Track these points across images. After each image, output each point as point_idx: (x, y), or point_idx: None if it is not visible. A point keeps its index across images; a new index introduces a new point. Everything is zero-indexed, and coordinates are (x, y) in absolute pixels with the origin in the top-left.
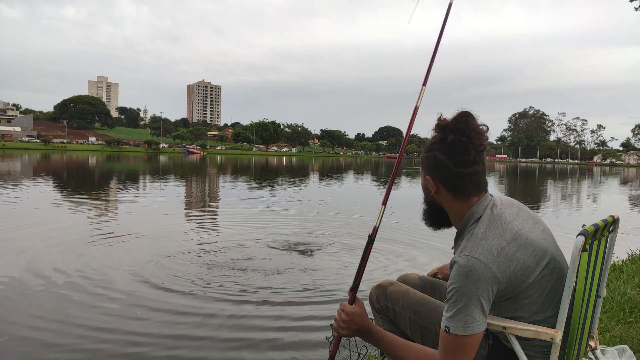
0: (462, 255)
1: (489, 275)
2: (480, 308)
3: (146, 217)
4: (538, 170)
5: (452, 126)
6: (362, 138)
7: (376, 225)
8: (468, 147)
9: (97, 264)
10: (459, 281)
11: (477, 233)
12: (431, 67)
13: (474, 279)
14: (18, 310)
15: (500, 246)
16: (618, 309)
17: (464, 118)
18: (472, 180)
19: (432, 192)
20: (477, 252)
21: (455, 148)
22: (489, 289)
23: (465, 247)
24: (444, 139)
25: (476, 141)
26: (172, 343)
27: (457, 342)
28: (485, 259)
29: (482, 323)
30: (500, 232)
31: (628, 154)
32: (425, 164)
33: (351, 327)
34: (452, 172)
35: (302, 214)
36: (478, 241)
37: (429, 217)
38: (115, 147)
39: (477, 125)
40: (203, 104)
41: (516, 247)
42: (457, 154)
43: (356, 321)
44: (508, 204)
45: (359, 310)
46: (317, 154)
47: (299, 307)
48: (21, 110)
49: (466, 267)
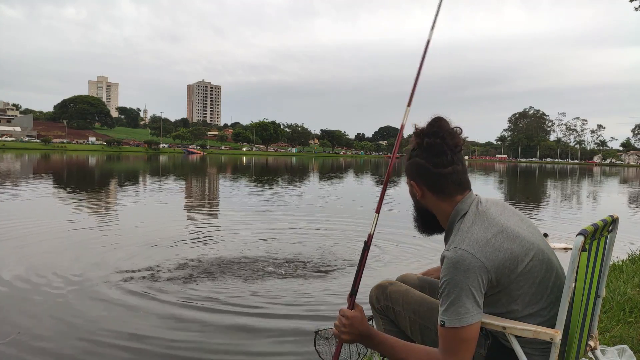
0: (450, 248)
1: (477, 265)
2: (472, 298)
3: (146, 217)
4: (538, 170)
5: (427, 131)
6: (362, 138)
7: (371, 233)
8: (443, 147)
9: (98, 264)
10: (448, 273)
11: (463, 227)
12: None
13: (463, 270)
14: (19, 310)
15: (487, 237)
16: (618, 309)
17: (437, 122)
18: (453, 179)
19: (418, 196)
20: (464, 243)
21: (432, 150)
22: (478, 278)
23: (452, 241)
24: (421, 144)
25: (450, 142)
26: (172, 344)
27: (454, 335)
28: (473, 250)
29: (475, 314)
30: (487, 225)
31: (628, 154)
32: (408, 171)
33: (352, 332)
34: (432, 173)
35: (303, 214)
36: (464, 234)
37: (419, 223)
38: (115, 147)
39: (449, 127)
40: (203, 104)
41: (503, 239)
42: (434, 155)
43: (356, 325)
44: (493, 202)
45: (358, 315)
46: (317, 154)
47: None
48: (21, 110)
49: (454, 258)
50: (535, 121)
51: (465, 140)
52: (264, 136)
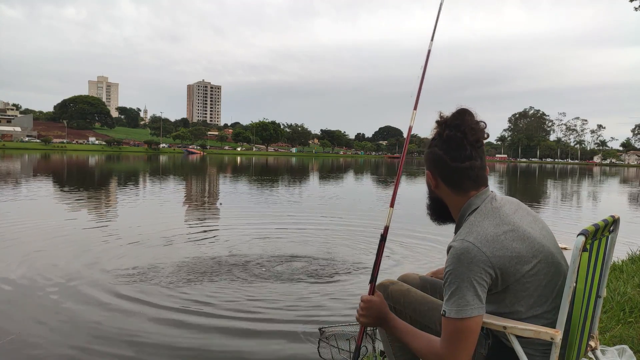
0: (457, 239)
1: (482, 259)
2: (473, 291)
3: (146, 217)
4: (538, 170)
5: (449, 122)
6: (362, 138)
7: (387, 225)
8: (463, 142)
9: (98, 264)
10: (452, 264)
11: (472, 220)
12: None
13: (467, 262)
14: (19, 310)
15: (496, 234)
16: (618, 309)
17: (461, 115)
18: (469, 174)
19: (432, 186)
20: (471, 236)
21: (451, 143)
22: (481, 272)
23: (460, 232)
24: (441, 135)
25: (471, 137)
26: (169, 346)
27: (453, 326)
28: (479, 243)
29: (476, 307)
30: (498, 222)
31: (628, 154)
32: (426, 159)
33: (370, 315)
34: (449, 166)
35: (302, 215)
36: (473, 227)
37: (432, 212)
38: (115, 147)
39: (473, 121)
40: (203, 104)
41: (512, 238)
42: (453, 149)
43: (374, 308)
44: (507, 201)
45: (376, 299)
46: (317, 154)
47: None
48: (21, 110)
49: (459, 249)
50: (535, 121)
51: (488, 135)
52: (264, 136)
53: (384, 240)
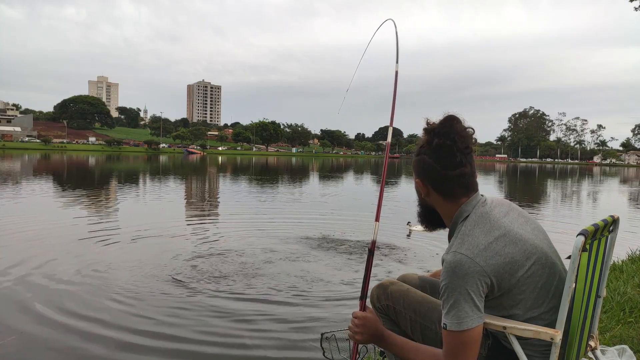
0: (449, 252)
1: (476, 270)
2: (471, 302)
3: (146, 217)
4: (538, 171)
5: (438, 130)
6: (362, 138)
7: (374, 239)
8: (453, 150)
9: (100, 263)
10: (447, 277)
11: (464, 230)
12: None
13: (461, 274)
14: (20, 310)
15: (488, 241)
16: (618, 309)
17: (449, 122)
18: (460, 182)
19: (423, 194)
20: (463, 247)
21: (441, 151)
22: (477, 282)
23: (452, 244)
24: (431, 143)
25: (461, 144)
26: (174, 344)
27: (455, 338)
28: (472, 254)
29: (475, 318)
30: (488, 228)
31: (628, 154)
32: (415, 166)
33: (365, 332)
34: (439, 174)
35: (303, 213)
36: (464, 237)
37: (423, 219)
38: (115, 147)
39: (462, 128)
40: (203, 104)
41: (504, 243)
42: (443, 157)
43: (369, 325)
44: (498, 203)
45: (370, 316)
46: (317, 154)
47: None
48: (21, 110)
49: (453, 262)
50: (535, 121)
51: (476, 141)
52: (264, 136)
53: (372, 254)
